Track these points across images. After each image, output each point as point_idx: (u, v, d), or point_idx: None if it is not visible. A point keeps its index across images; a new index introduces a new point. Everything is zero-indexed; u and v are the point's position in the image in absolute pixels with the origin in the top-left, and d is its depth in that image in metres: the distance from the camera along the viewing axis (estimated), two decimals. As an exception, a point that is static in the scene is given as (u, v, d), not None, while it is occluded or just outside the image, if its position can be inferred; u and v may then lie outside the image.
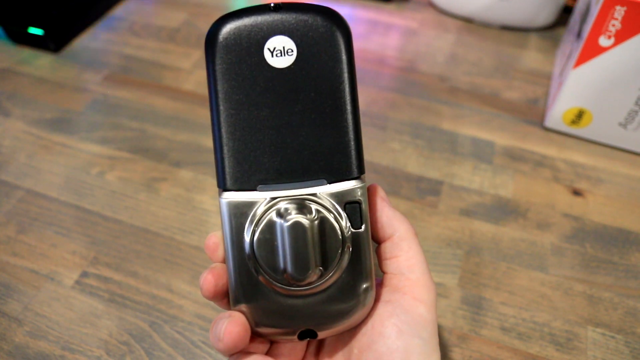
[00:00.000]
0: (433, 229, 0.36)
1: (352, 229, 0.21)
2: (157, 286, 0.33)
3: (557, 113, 0.42)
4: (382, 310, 0.21)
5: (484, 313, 0.32)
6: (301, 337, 0.21)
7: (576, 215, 0.38)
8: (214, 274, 0.21)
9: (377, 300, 0.22)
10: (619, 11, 0.35)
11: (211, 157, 0.42)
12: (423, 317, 0.20)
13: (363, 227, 0.21)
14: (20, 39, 0.52)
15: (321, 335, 0.22)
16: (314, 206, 0.20)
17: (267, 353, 0.23)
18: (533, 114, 0.46)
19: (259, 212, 0.20)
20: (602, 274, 0.34)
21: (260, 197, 0.20)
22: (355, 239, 0.21)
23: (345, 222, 0.20)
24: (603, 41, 0.36)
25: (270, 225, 0.20)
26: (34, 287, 0.33)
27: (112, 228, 0.36)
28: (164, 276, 0.34)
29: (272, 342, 0.23)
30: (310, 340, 0.24)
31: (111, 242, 0.36)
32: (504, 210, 0.38)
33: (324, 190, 0.20)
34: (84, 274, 0.34)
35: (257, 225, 0.20)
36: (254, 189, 0.20)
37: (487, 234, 0.36)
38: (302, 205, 0.20)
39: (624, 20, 0.35)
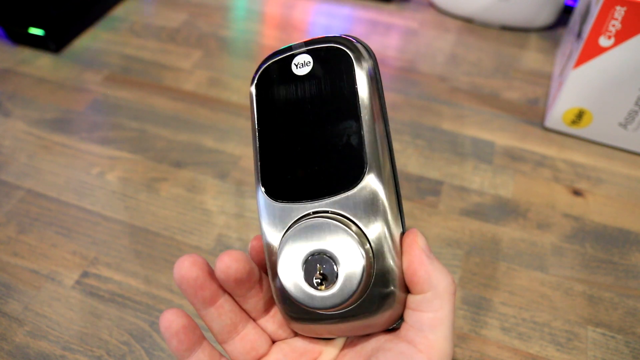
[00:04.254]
0: (433, 229, 0.36)
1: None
2: (157, 286, 0.33)
3: (557, 113, 0.42)
4: None
5: (484, 313, 0.32)
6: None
7: (576, 215, 0.38)
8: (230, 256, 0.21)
9: (394, 334, 0.21)
10: (619, 11, 0.35)
11: (211, 157, 0.42)
12: None
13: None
14: (21, 39, 0.52)
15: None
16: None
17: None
18: (533, 114, 0.46)
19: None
20: (602, 274, 0.34)
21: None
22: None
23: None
24: (603, 41, 0.37)
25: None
26: (34, 287, 0.33)
27: (112, 228, 0.36)
28: (164, 276, 0.34)
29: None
30: None
31: (111, 242, 0.36)
32: (504, 210, 0.38)
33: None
34: (84, 274, 0.34)
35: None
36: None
37: (487, 234, 0.36)
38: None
39: (624, 21, 0.35)
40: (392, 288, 0.20)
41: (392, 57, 0.52)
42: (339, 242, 0.19)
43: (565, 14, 0.55)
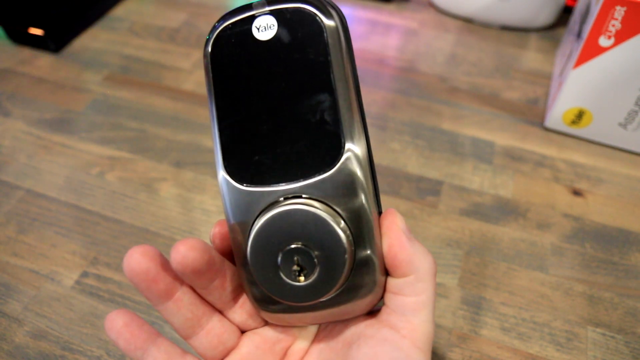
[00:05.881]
0: (433, 229, 0.36)
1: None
2: (157, 286, 0.33)
3: (557, 113, 0.42)
4: (379, 349, 0.19)
5: (484, 313, 0.32)
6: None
7: (576, 215, 0.38)
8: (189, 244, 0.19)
9: (374, 328, 0.20)
10: (619, 11, 0.35)
11: (211, 157, 0.42)
12: None
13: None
14: (21, 39, 0.52)
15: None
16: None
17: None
18: (533, 114, 0.46)
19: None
20: (602, 274, 0.34)
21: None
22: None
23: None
24: (603, 41, 0.36)
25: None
26: (34, 287, 0.33)
27: (112, 228, 0.36)
28: (164, 276, 0.34)
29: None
30: None
31: (111, 242, 0.36)
32: (504, 211, 0.38)
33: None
34: (84, 274, 0.34)
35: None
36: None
37: (487, 234, 0.36)
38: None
39: (624, 21, 0.35)
40: (372, 273, 0.19)
41: (392, 57, 0.52)
42: (316, 229, 0.18)
43: (565, 14, 0.55)
